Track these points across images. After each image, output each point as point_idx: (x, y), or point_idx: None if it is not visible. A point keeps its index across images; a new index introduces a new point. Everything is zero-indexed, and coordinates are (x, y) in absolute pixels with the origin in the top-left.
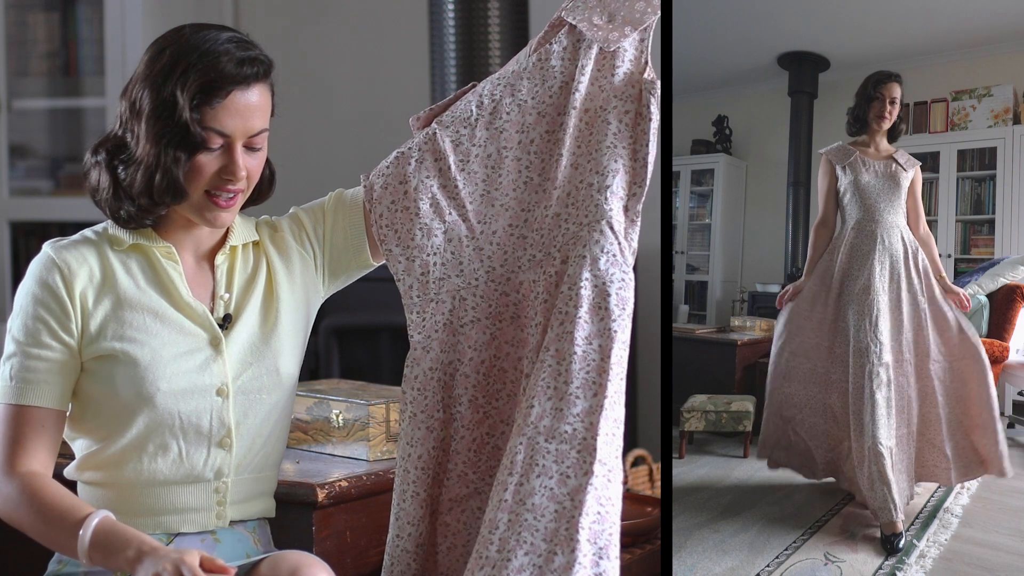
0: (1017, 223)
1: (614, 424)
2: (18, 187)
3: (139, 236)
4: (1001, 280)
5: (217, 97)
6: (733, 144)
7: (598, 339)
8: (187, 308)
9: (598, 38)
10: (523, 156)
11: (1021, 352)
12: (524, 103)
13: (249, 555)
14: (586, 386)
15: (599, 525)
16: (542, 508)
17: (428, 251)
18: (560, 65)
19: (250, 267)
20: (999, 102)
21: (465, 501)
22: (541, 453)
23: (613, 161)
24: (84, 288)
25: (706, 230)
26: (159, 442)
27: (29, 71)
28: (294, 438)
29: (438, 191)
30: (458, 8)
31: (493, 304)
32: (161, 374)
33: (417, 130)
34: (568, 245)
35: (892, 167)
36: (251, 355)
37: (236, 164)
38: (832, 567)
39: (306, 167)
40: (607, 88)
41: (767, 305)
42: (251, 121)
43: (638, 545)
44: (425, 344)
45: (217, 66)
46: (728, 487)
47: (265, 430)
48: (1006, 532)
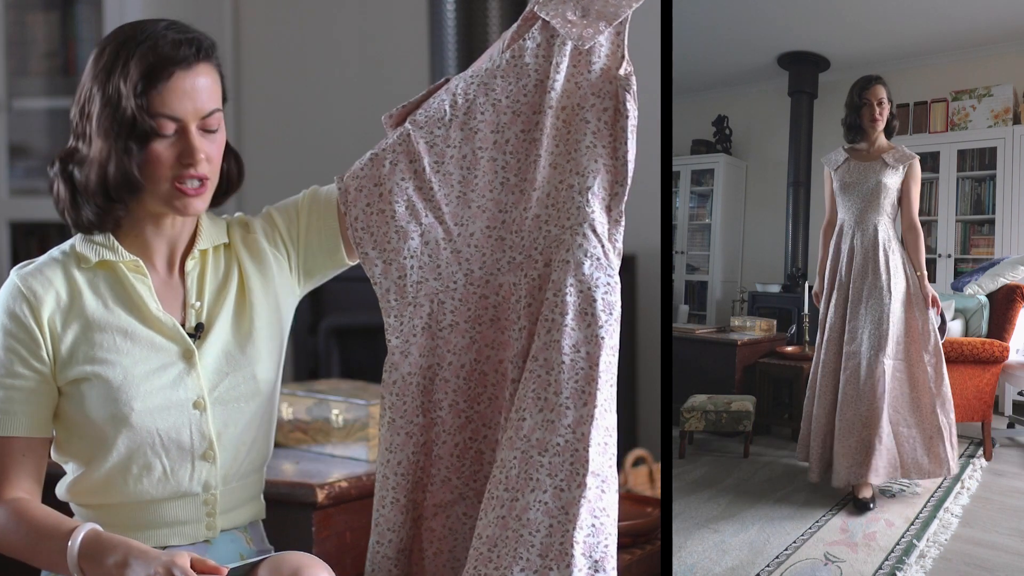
0: (1017, 223)
1: (605, 433)
2: (18, 187)
3: (105, 251)
4: (1001, 280)
5: (160, 80)
6: (733, 144)
7: (585, 346)
8: (156, 323)
9: (572, 35)
10: (499, 156)
11: (1021, 352)
12: (498, 102)
13: (242, 555)
14: (575, 396)
15: (594, 538)
16: (537, 523)
17: (404, 254)
18: (534, 63)
19: (221, 273)
20: (999, 102)
21: (450, 507)
22: (535, 467)
23: (593, 161)
24: (52, 314)
25: (706, 230)
26: (142, 462)
27: (29, 71)
28: (294, 438)
29: (413, 193)
30: (458, 8)
31: (472, 307)
32: (135, 393)
33: (390, 128)
34: (550, 248)
35: (877, 166)
36: (226, 364)
37: (193, 147)
38: (832, 567)
39: (305, 167)
40: (584, 85)
41: (767, 305)
42: (199, 102)
43: (638, 545)
44: (403, 348)
45: (156, 50)
46: (728, 487)
47: (248, 437)
48: (1006, 532)
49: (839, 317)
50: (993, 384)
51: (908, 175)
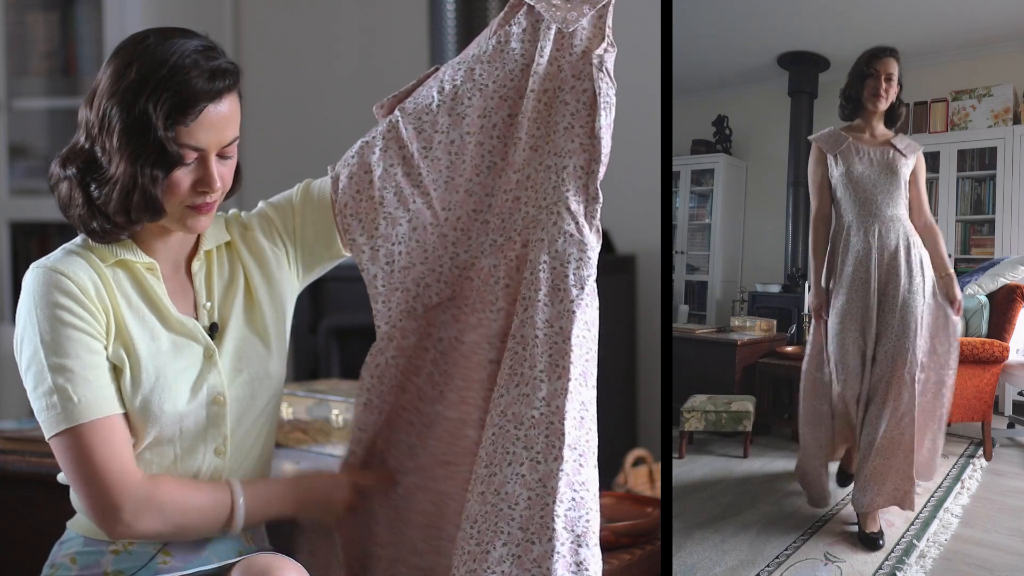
0: (1017, 223)
1: (581, 407)
2: (18, 187)
3: (122, 251)
4: (1001, 280)
5: (191, 116)
6: (733, 144)
7: (559, 321)
8: (177, 324)
9: (556, 19)
10: (485, 141)
11: (1021, 352)
12: (485, 87)
13: (242, 552)
14: (549, 369)
15: (575, 512)
16: (515, 496)
17: (393, 240)
18: (520, 47)
19: (227, 272)
20: (999, 102)
21: (409, 474)
22: (511, 440)
23: (570, 141)
24: (94, 292)
25: (706, 230)
26: (156, 450)
27: (29, 71)
28: (294, 438)
29: (402, 179)
30: (458, 8)
31: (455, 288)
32: (167, 396)
33: (381, 117)
34: (528, 229)
35: (889, 154)
36: (240, 362)
37: (212, 176)
38: (832, 567)
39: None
40: (565, 68)
41: (767, 305)
42: (224, 133)
43: (638, 545)
44: (390, 333)
45: (188, 83)
46: (728, 487)
47: (255, 432)
48: (1006, 532)
49: (854, 330)
50: (993, 384)
51: (917, 168)
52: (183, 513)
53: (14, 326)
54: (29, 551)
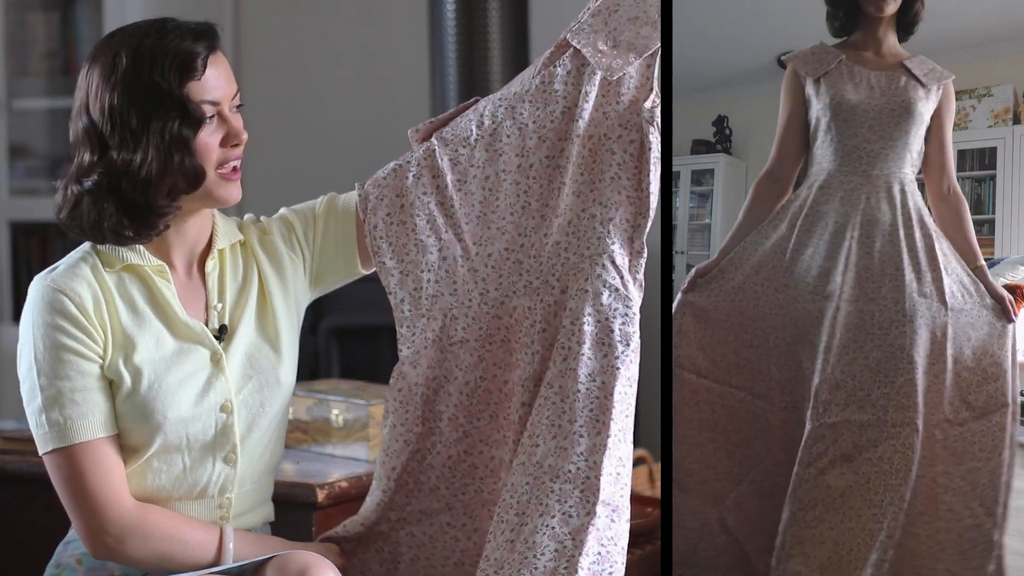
0: (1017, 223)
1: (618, 463)
2: (18, 187)
3: (130, 255)
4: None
5: (196, 69)
6: (733, 144)
7: (601, 376)
8: (185, 328)
9: (601, 65)
10: (522, 180)
11: (1021, 352)
12: (525, 126)
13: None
14: (589, 424)
15: (599, 565)
16: (542, 547)
17: (422, 267)
18: (563, 89)
19: (241, 273)
20: (999, 102)
21: (435, 515)
22: (545, 492)
23: (616, 192)
24: (94, 308)
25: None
26: (164, 458)
27: (29, 71)
28: (294, 438)
29: (435, 208)
30: (458, 9)
31: (484, 326)
32: (169, 403)
33: (416, 143)
34: (568, 276)
35: (902, 81)
36: (250, 367)
37: (236, 127)
38: None
39: (304, 168)
40: (611, 116)
41: None
42: (231, 83)
43: (638, 545)
44: (413, 359)
45: (181, 44)
46: None
47: (265, 439)
48: (1007, 532)
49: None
50: None
51: (943, 107)
52: (168, 543)
53: (14, 327)
54: (29, 551)
